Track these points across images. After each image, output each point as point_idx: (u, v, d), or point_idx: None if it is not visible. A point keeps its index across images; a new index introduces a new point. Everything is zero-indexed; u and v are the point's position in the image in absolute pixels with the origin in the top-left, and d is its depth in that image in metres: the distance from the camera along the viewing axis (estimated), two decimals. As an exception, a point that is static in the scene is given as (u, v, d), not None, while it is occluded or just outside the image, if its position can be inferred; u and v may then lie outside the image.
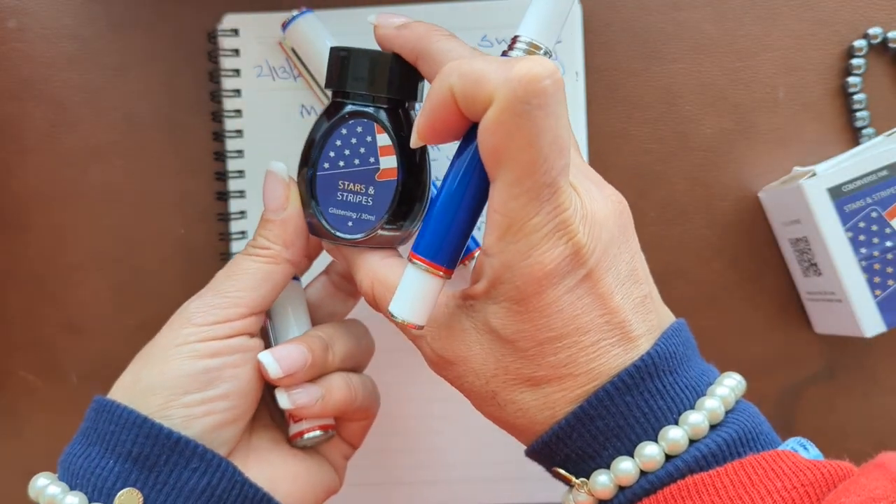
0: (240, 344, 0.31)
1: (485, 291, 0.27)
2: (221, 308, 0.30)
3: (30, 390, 0.42)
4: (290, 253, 0.32)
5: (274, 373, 0.31)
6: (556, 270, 0.25)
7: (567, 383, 0.26)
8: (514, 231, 0.25)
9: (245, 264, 0.32)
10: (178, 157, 0.41)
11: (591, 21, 0.41)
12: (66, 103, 0.42)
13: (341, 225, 0.30)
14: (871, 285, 0.36)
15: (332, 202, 0.30)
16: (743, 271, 0.41)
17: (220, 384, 0.30)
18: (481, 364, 0.27)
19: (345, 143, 0.30)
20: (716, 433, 0.26)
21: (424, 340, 0.29)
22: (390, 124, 0.29)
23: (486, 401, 0.28)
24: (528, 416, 0.27)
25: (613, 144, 0.41)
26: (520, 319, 0.26)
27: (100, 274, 0.42)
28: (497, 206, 0.25)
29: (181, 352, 0.30)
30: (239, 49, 0.40)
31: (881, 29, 0.40)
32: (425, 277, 0.27)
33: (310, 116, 0.41)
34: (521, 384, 0.27)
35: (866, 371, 0.41)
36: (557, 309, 0.26)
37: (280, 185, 0.32)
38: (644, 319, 0.27)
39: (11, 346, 0.42)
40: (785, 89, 0.41)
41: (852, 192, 0.36)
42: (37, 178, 0.42)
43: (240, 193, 0.41)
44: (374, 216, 0.30)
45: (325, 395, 0.32)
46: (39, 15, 0.42)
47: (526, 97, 0.24)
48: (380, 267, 0.30)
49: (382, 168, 0.30)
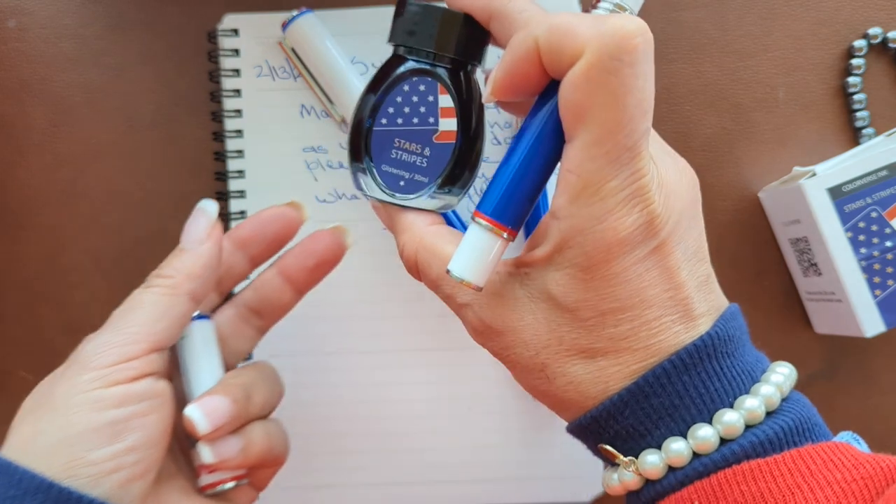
0: (146, 389, 0.29)
1: (547, 257, 0.26)
2: (120, 346, 0.29)
3: (30, 390, 0.42)
4: (193, 285, 0.30)
5: (203, 429, 0.29)
6: (628, 238, 0.24)
7: (624, 357, 0.25)
8: (588, 194, 0.24)
9: (142, 298, 0.30)
10: (178, 157, 0.41)
11: (591, 21, 0.41)
12: (66, 103, 0.42)
13: (393, 183, 0.29)
14: (871, 285, 0.36)
15: (385, 159, 0.29)
16: (743, 271, 0.41)
17: (128, 436, 0.28)
18: (532, 334, 0.26)
19: (405, 101, 0.29)
20: (772, 420, 0.25)
21: (470, 309, 0.27)
22: (453, 85, 0.28)
23: (533, 373, 0.27)
24: (578, 389, 0.26)
25: (613, 144, 0.41)
26: (584, 287, 0.25)
27: (99, 274, 0.42)
28: (573, 167, 0.24)
29: (84, 401, 0.28)
30: (239, 49, 0.40)
31: (881, 29, 0.40)
32: (489, 237, 0.26)
33: (310, 116, 0.41)
34: (575, 356, 0.26)
35: (866, 371, 0.41)
36: (625, 279, 0.25)
37: (205, 221, 0.31)
38: (706, 299, 0.26)
39: (11, 346, 0.42)
40: (785, 89, 0.41)
41: (852, 192, 0.36)
42: (37, 178, 0.42)
43: (240, 193, 0.41)
44: (427, 178, 0.29)
45: (245, 446, 0.31)
46: (39, 15, 0.42)
47: (617, 53, 0.23)
48: (426, 233, 0.28)
49: (441, 130, 0.29)
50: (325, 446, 0.40)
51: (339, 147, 0.41)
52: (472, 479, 0.40)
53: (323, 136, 0.41)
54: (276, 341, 0.40)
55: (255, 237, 0.34)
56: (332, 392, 0.40)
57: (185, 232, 0.31)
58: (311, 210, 0.41)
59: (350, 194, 0.41)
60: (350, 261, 0.39)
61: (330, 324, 0.40)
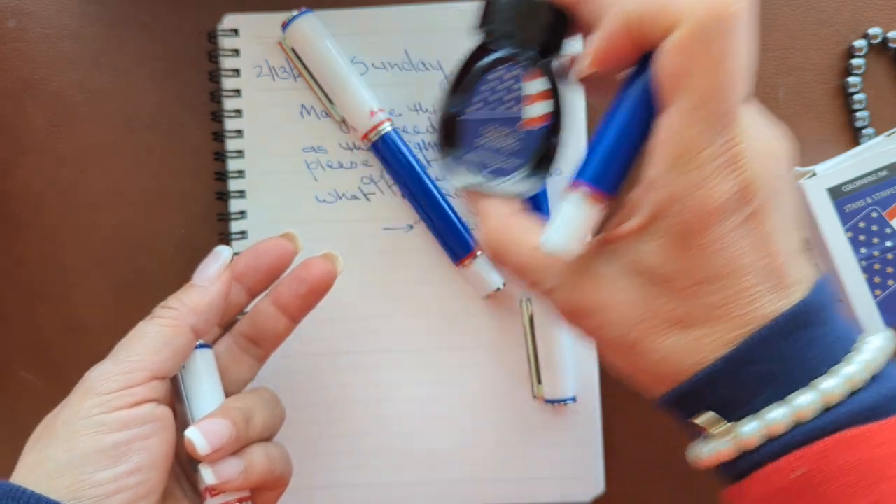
0: (147, 413, 0.30)
1: (641, 228, 0.26)
2: (122, 374, 0.30)
3: (30, 390, 0.42)
4: (196, 319, 0.32)
5: (203, 449, 0.30)
6: (724, 206, 0.25)
7: (720, 326, 0.25)
8: (685, 161, 0.25)
9: (145, 329, 0.31)
10: (178, 157, 0.41)
11: (591, 21, 0.41)
12: (66, 103, 0.42)
13: (481, 170, 0.30)
14: (871, 285, 0.36)
15: (473, 147, 0.30)
16: (743, 271, 0.41)
17: (131, 458, 0.29)
18: (625, 311, 0.26)
19: (493, 89, 0.30)
20: (873, 387, 0.25)
21: (558, 292, 0.28)
22: (540, 73, 0.29)
23: (624, 350, 0.27)
24: (673, 361, 0.26)
25: (613, 144, 0.41)
26: (679, 256, 0.25)
27: (100, 274, 0.42)
28: (669, 135, 0.25)
29: (87, 426, 0.28)
30: (239, 49, 0.40)
31: (881, 29, 0.40)
32: (584, 206, 0.26)
33: (310, 116, 0.41)
34: (670, 327, 0.26)
35: (866, 371, 0.41)
36: (721, 247, 0.25)
37: (218, 264, 0.33)
38: (799, 267, 0.26)
39: (11, 346, 0.42)
40: (785, 89, 0.41)
41: (852, 192, 0.36)
42: (37, 178, 0.42)
43: (240, 193, 0.41)
44: (514, 163, 0.29)
45: (247, 467, 0.31)
46: (39, 15, 0.42)
47: (717, 19, 0.23)
48: (510, 220, 0.29)
49: (528, 117, 0.29)
50: (325, 446, 0.40)
51: (339, 147, 0.41)
52: (471, 479, 0.40)
53: (323, 136, 0.41)
54: (276, 341, 0.40)
55: (252, 270, 0.35)
56: (332, 392, 0.40)
57: (199, 270, 0.33)
58: (311, 210, 0.41)
59: (350, 194, 0.41)
60: (351, 261, 0.39)
61: (330, 324, 0.40)
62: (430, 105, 0.41)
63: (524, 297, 0.40)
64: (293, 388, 0.40)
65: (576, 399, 0.40)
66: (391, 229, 0.41)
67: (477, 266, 0.39)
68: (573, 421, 0.40)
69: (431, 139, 0.34)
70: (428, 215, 0.39)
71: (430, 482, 0.40)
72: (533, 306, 0.40)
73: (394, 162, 0.39)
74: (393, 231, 0.41)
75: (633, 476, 0.41)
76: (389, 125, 0.39)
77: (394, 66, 0.40)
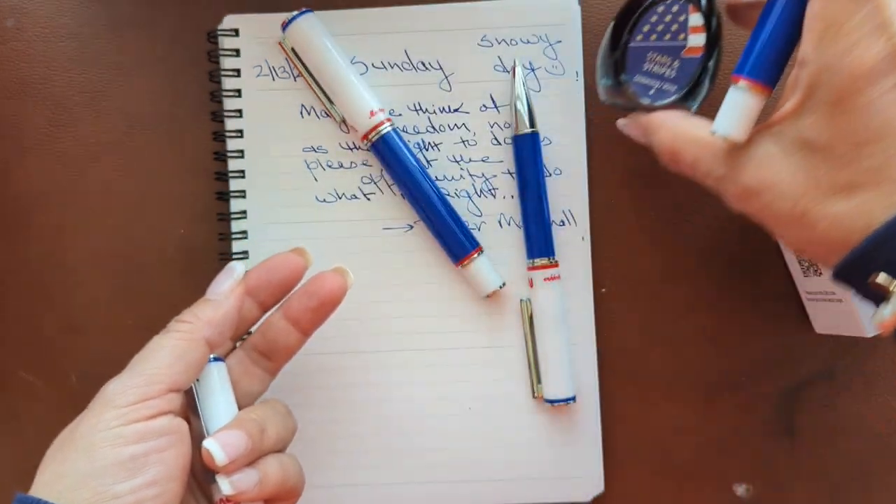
0: (164, 426, 0.30)
1: (798, 104, 0.28)
2: (139, 386, 0.30)
3: (30, 390, 0.42)
4: (210, 332, 0.32)
5: (220, 460, 0.30)
6: (875, 69, 0.26)
7: (884, 188, 0.26)
8: (832, 33, 0.26)
9: (160, 342, 0.32)
10: (178, 157, 0.41)
11: (590, 21, 0.41)
12: (66, 103, 0.41)
13: (644, 92, 0.35)
14: (872, 285, 0.36)
15: (638, 71, 0.35)
16: (743, 271, 0.41)
17: (148, 470, 0.29)
18: (790, 185, 0.28)
19: (659, 20, 0.34)
20: None
21: (728, 178, 0.30)
22: (703, 6, 0.34)
23: (794, 223, 0.29)
24: (842, 227, 0.27)
25: (613, 144, 0.41)
26: (836, 122, 0.27)
27: (100, 274, 0.42)
28: (816, 12, 0.27)
29: (106, 438, 0.29)
30: (239, 49, 0.40)
31: (881, 29, 0.40)
32: (748, 96, 0.30)
33: (310, 116, 0.41)
34: (835, 194, 0.27)
35: (866, 371, 0.41)
36: (875, 110, 0.26)
37: (231, 280, 0.34)
38: None
39: (11, 347, 0.42)
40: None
41: (852, 192, 0.36)
42: (37, 178, 0.42)
43: (240, 193, 0.41)
44: (674, 87, 0.34)
45: (261, 478, 0.32)
46: (38, 14, 0.42)
47: None
48: (680, 123, 0.33)
49: (689, 45, 0.34)
50: (325, 446, 0.40)
51: (339, 147, 0.41)
52: (471, 479, 0.40)
53: (323, 136, 0.41)
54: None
55: (263, 284, 0.35)
56: (332, 392, 0.40)
57: (212, 285, 0.34)
58: (311, 210, 0.41)
59: (350, 194, 0.41)
60: (352, 261, 0.39)
61: (330, 324, 0.40)
62: (430, 105, 0.41)
63: (524, 297, 0.40)
64: (293, 388, 0.40)
65: (575, 399, 0.40)
66: (391, 229, 0.41)
67: (477, 266, 0.39)
68: (573, 421, 0.40)
69: (601, 64, 0.37)
70: (428, 215, 0.40)
71: (430, 482, 0.40)
72: (533, 306, 0.40)
73: (394, 162, 0.39)
74: (393, 231, 0.41)
75: (633, 476, 0.41)
76: (389, 125, 0.39)
77: (394, 66, 0.40)
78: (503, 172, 0.41)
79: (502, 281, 0.40)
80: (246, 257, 0.40)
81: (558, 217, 0.40)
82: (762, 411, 0.41)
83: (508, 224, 0.41)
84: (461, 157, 0.41)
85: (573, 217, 0.40)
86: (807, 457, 0.41)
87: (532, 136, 0.39)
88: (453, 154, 0.41)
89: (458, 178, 0.41)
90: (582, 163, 0.40)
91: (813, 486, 0.41)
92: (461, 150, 0.41)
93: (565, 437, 0.40)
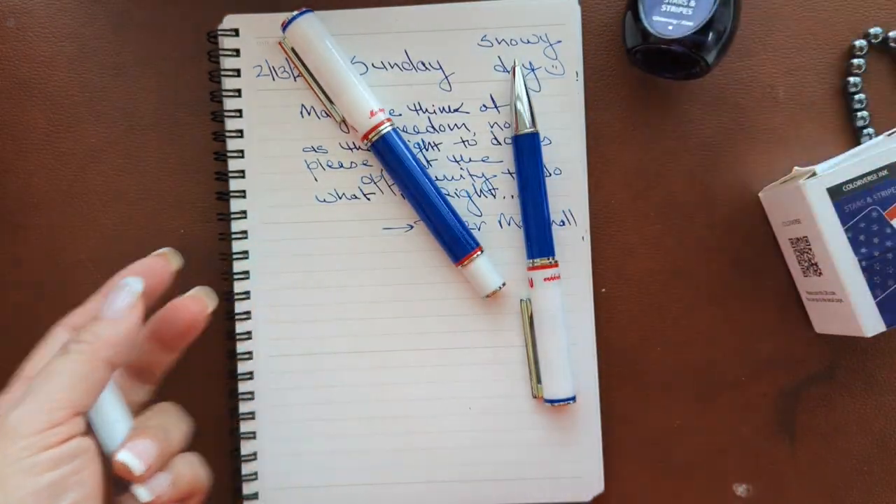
0: (76, 448, 0.30)
1: None
2: (45, 413, 0.29)
3: (30, 390, 0.42)
4: (111, 353, 0.32)
5: (138, 469, 0.31)
6: None
7: None
8: None
9: (61, 365, 0.31)
10: (178, 157, 0.41)
11: (590, 21, 0.41)
12: (66, 103, 0.41)
13: (663, 29, 0.37)
14: (872, 285, 0.36)
15: (656, 12, 0.37)
16: (743, 271, 0.41)
17: (69, 493, 0.29)
18: None
19: None
20: None
21: None
22: None
23: None
24: None
25: (613, 144, 0.41)
26: None
27: (100, 274, 0.42)
28: None
29: (20, 469, 0.28)
30: (239, 49, 0.40)
31: (881, 29, 0.40)
32: None
33: (310, 116, 0.41)
34: None
35: (866, 371, 0.41)
36: None
37: (129, 297, 0.33)
38: None
39: (11, 346, 0.42)
40: (785, 89, 0.41)
41: (852, 192, 0.36)
42: (36, 178, 0.42)
43: (240, 193, 0.40)
44: (692, 23, 0.36)
45: (174, 479, 0.32)
46: (38, 14, 0.42)
47: None
48: None
49: None
50: (324, 446, 0.40)
51: (339, 147, 0.41)
52: (471, 479, 0.40)
53: (323, 136, 0.41)
54: (274, 342, 0.40)
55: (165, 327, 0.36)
56: (331, 392, 0.40)
57: (107, 303, 0.33)
58: (311, 210, 0.41)
59: (350, 194, 0.41)
60: (349, 261, 0.39)
61: (330, 324, 0.40)
62: (430, 105, 0.41)
63: (524, 297, 0.40)
64: (292, 387, 0.40)
65: (575, 399, 0.40)
66: (391, 229, 0.41)
67: (477, 266, 0.39)
68: (573, 421, 0.40)
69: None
70: (428, 215, 0.39)
71: (430, 482, 0.40)
72: (533, 306, 0.40)
73: (394, 162, 0.39)
74: (393, 231, 0.41)
75: (633, 476, 0.41)
76: (389, 125, 0.39)
77: (394, 66, 0.40)
78: (503, 172, 0.41)
79: (502, 281, 0.40)
80: (246, 257, 0.40)
81: (558, 217, 0.40)
82: (762, 411, 0.41)
83: (508, 224, 0.41)
84: (461, 157, 0.41)
85: (573, 217, 0.40)
86: (807, 457, 0.41)
87: (532, 136, 0.39)
88: (453, 154, 0.41)
89: (458, 178, 0.41)
90: (582, 163, 0.40)
91: (813, 486, 0.41)
92: (461, 150, 0.41)
93: (565, 437, 0.40)
